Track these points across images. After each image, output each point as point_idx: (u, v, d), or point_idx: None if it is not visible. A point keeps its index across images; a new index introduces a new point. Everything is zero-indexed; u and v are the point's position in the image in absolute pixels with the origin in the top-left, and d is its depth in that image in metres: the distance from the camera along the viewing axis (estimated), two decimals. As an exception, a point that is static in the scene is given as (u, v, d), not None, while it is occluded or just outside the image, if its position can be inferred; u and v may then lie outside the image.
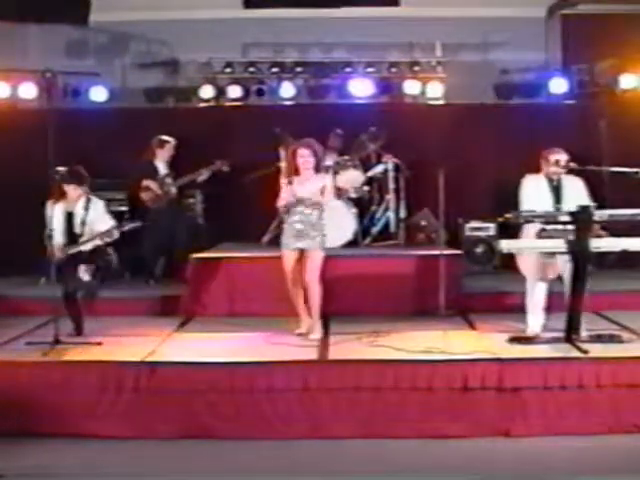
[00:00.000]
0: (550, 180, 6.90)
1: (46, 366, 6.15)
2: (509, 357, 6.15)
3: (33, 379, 6.06)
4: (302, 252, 7.02)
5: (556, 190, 6.87)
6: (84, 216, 7.11)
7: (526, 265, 6.92)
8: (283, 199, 7.04)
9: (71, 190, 7.13)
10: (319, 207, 7.01)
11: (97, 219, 7.15)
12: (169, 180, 9.18)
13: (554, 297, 6.96)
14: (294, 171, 7.06)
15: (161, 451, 5.76)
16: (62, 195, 7.12)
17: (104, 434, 5.93)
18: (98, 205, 7.24)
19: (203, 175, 9.23)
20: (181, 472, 5.45)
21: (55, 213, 7.01)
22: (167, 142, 9.28)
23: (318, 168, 7.10)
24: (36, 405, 5.98)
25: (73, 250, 7.04)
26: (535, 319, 6.89)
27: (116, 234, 7.12)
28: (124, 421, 6.01)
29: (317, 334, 7.04)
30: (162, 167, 9.28)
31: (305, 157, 6.98)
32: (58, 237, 7.02)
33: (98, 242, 7.05)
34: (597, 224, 6.44)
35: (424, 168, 9.10)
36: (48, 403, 6.00)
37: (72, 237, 7.10)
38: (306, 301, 7.18)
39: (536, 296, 6.88)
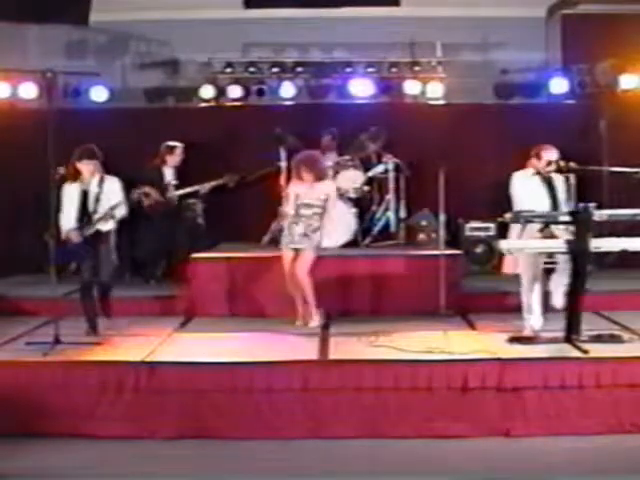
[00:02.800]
0: (542, 176, 6.89)
1: (46, 366, 6.15)
2: (509, 357, 6.16)
3: (33, 379, 6.06)
4: (297, 251, 7.48)
5: (549, 185, 6.87)
6: (98, 193, 7.03)
7: (524, 265, 6.92)
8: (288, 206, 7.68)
9: (84, 167, 7.04)
10: (321, 214, 7.50)
11: (112, 196, 7.08)
12: (172, 188, 9.17)
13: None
14: (298, 179, 7.60)
15: (161, 451, 5.75)
16: (77, 176, 7.06)
17: (104, 434, 5.93)
18: (113, 182, 7.17)
19: (206, 188, 9.23)
20: (181, 472, 5.45)
21: (70, 192, 7.04)
22: (176, 147, 9.28)
23: (319, 178, 7.56)
24: (36, 405, 5.98)
25: (90, 231, 7.02)
26: (535, 317, 6.87)
27: (125, 210, 7.15)
28: (124, 421, 6.00)
29: (315, 322, 7.45)
30: (169, 174, 9.27)
31: (304, 173, 7.52)
32: (70, 219, 7.01)
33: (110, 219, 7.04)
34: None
35: (424, 168, 9.11)
36: (48, 403, 6.00)
37: (86, 215, 7.03)
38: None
39: (535, 294, 6.87)
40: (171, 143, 9.27)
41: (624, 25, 9.86)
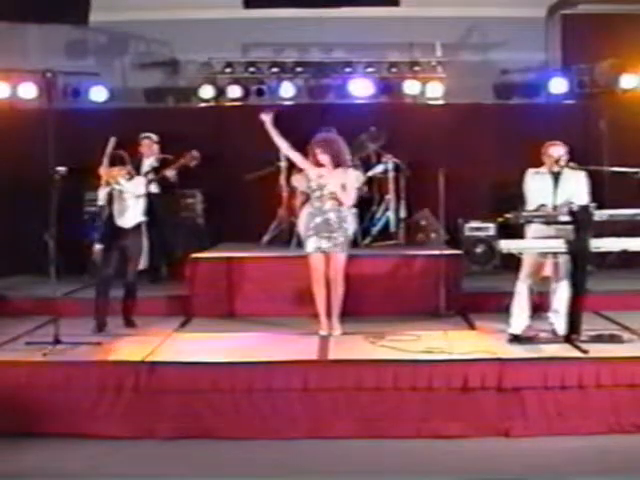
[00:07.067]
0: (552, 173, 6.86)
1: (46, 366, 6.16)
2: (509, 357, 6.16)
3: (33, 379, 6.06)
4: (326, 253, 7.07)
5: (556, 182, 6.84)
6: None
7: (524, 264, 6.91)
8: (303, 163, 7.16)
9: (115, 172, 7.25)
10: (339, 206, 7.06)
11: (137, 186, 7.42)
12: (150, 177, 9.02)
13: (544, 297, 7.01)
14: (316, 164, 7.10)
15: (161, 451, 5.76)
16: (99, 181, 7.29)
17: (104, 434, 5.94)
18: (139, 180, 7.56)
19: (173, 173, 9.05)
20: (181, 472, 5.45)
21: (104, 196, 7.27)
22: (145, 138, 9.23)
23: (337, 163, 7.09)
24: (36, 405, 5.99)
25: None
26: (519, 320, 6.80)
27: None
28: (124, 421, 6.01)
29: (338, 331, 7.14)
30: (148, 163, 9.15)
31: (318, 154, 7.05)
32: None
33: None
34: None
35: (424, 168, 9.10)
36: (48, 403, 6.01)
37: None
38: (328, 301, 7.19)
39: (523, 295, 6.83)
40: (143, 134, 9.24)
41: (624, 25, 9.87)
